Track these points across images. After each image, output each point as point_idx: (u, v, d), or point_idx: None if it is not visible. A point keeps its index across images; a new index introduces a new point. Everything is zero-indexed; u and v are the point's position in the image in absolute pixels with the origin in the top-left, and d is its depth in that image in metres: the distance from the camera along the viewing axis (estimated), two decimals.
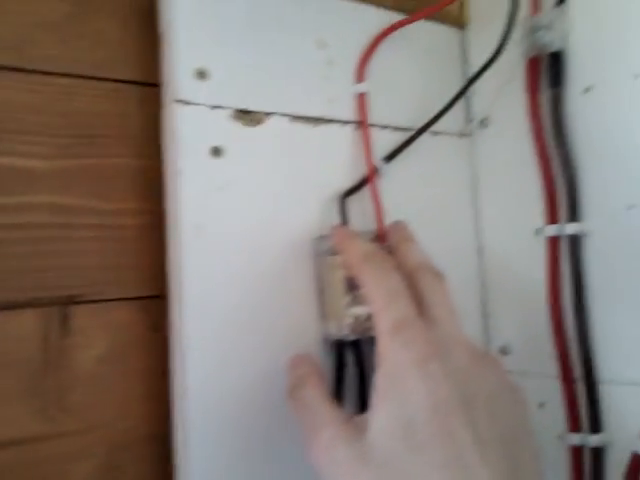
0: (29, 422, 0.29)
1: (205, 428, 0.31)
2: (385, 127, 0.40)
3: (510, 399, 0.27)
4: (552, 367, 0.40)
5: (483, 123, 0.45)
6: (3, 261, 0.29)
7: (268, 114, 0.35)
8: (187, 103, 0.32)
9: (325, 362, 0.35)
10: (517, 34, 0.41)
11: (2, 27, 0.30)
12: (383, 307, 0.27)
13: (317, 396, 0.28)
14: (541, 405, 0.41)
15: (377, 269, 0.29)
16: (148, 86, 0.33)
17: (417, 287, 0.29)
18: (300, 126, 0.36)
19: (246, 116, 0.34)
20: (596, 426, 0.38)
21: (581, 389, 0.39)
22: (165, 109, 0.32)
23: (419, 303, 0.28)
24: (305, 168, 0.36)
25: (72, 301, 0.30)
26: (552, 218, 0.41)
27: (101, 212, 0.31)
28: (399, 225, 0.36)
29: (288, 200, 0.35)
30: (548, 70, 0.41)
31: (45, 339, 0.29)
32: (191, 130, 0.32)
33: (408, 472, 0.23)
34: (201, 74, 0.32)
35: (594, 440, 0.38)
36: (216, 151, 0.33)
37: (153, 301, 0.32)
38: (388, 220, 0.37)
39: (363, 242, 0.32)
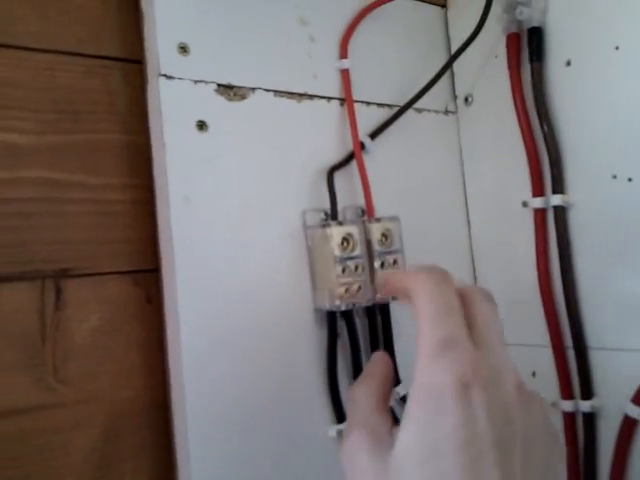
0: (28, 392, 0.29)
1: (201, 396, 0.31)
2: (370, 103, 0.40)
3: (548, 445, 0.25)
4: (543, 336, 0.41)
5: (467, 100, 0.46)
6: None
7: (252, 89, 0.35)
8: (170, 77, 0.32)
9: (318, 333, 0.35)
10: (497, 11, 0.42)
11: None
12: (432, 322, 0.25)
13: (366, 395, 0.26)
14: (533, 374, 0.42)
15: (434, 282, 0.26)
16: (132, 62, 0.34)
17: (468, 308, 0.27)
18: (285, 101, 0.36)
19: (230, 91, 0.34)
20: (588, 392, 0.39)
21: (572, 357, 0.40)
22: (149, 84, 0.33)
23: (469, 325, 0.26)
24: (291, 143, 0.36)
25: (65, 274, 0.30)
26: (538, 191, 0.41)
27: (91, 187, 0.32)
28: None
29: (275, 174, 0.35)
30: (528, 45, 0.42)
31: (40, 311, 0.30)
32: (175, 104, 0.32)
33: None
34: (183, 49, 0.33)
35: (586, 406, 0.39)
36: (201, 125, 0.33)
37: (147, 274, 0.33)
38: (375, 195, 0.38)
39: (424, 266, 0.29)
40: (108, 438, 0.31)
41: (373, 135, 0.39)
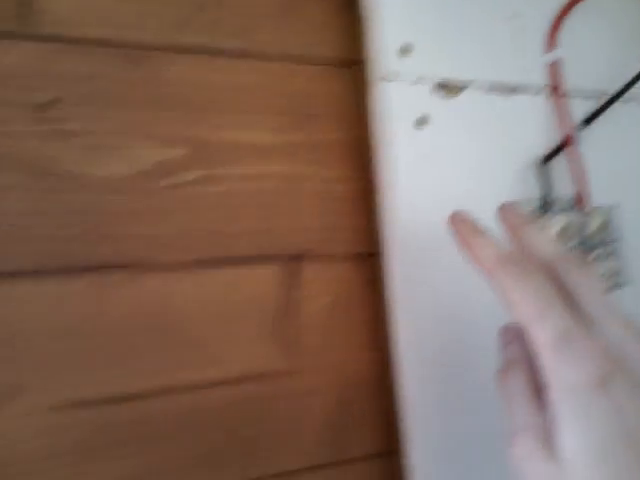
0: (272, 360, 0.33)
1: (420, 374, 0.33)
2: (577, 94, 0.40)
3: None
4: None
5: None
6: (238, 222, 0.33)
7: (465, 85, 0.36)
8: (392, 79, 0.35)
9: None
10: None
11: (232, 18, 0.34)
12: (537, 318, 0.23)
13: (519, 389, 0.25)
14: None
15: (518, 273, 0.25)
16: (352, 65, 0.36)
17: (562, 283, 0.25)
18: (495, 95, 0.37)
19: (446, 88, 0.36)
20: None
21: None
22: (371, 86, 0.35)
23: (572, 302, 0.24)
24: (502, 135, 0.37)
25: (301, 258, 0.34)
26: None
27: (322, 179, 0.35)
28: (507, 209, 0.30)
29: (487, 166, 0.36)
30: None
31: (281, 289, 0.34)
32: (395, 104, 0.35)
33: None
34: (404, 50, 0.35)
35: None
36: (420, 122, 0.35)
37: (369, 258, 0.35)
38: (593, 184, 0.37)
39: (491, 240, 0.27)
40: (339, 406, 0.34)
41: (585, 123, 0.39)
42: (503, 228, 0.30)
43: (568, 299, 0.24)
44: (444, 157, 0.35)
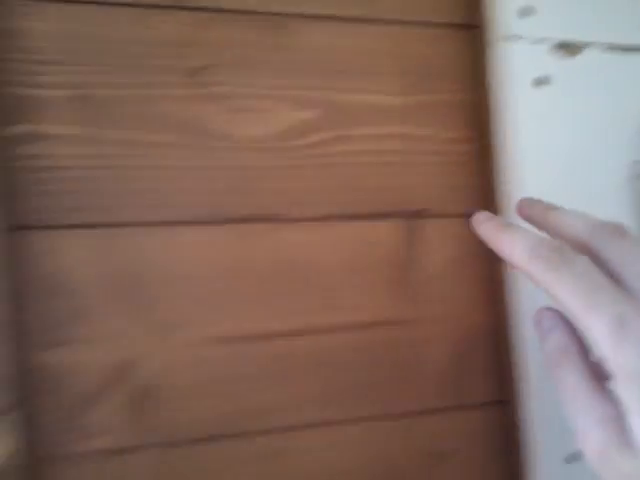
0: (393, 309, 0.36)
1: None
2: None
3: None
4: None
5: None
6: (364, 180, 0.36)
7: (584, 46, 0.37)
8: (511, 40, 0.36)
9: None
10: None
11: None
12: (587, 308, 0.22)
13: (584, 384, 0.24)
14: None
15: (555, 262, 0.23)
16: (470, 28, 0.38)
17: (602, 260, 0.23)
18: (614, 55, 0.38)
19: (565, 48, 0.37)
20: None
21: None
22: (490, 47, 0.36)
23: (616, 282, 0.23)
24: (619, 96, 0.38)
25: (420, 215, 0.36)
26: None
27: (439, 140, 0.37)
28: (527, 201, 0.30)
29: (603, 126, 0.37)
30: None
31: (401, 245, 0.36)
32: (514, 64, 0.36)
33: None
34: (524, 12, 0.36)
35: None
36: (538, 83, 0.36)
37: None
38: None
39: (520, 233, 0.25)
40: (456, 356, 0.37)
41: None
42: (528, 221, 0.29)
43: (613, 277, 0.23)
44: (562, 117, 0.36)
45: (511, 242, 0.25)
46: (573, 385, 0.24)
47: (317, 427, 0.34)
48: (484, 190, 0.37)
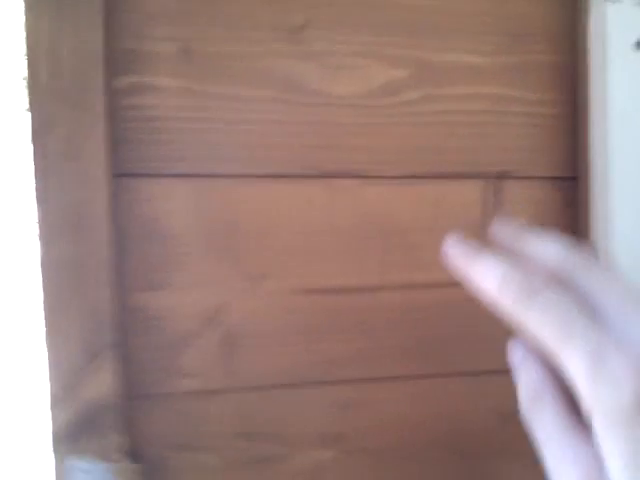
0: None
1: None
2: None
3: None
4: None
5: None
6: (450, 140, 0.36)
7: None
8: (613, 1, 0.34)
9: None
10: None
11: None
12: (560, 341, 0.20)
13: (561, 424, 0.22)
14: None
15: (527, 295, 0.22)
16: None
17: (576, 288, 0.22)
18: None
19: None
20: None
21: None
22: (590, 7, 0.35)
23: (591, 312, 0.21)
24: None
25: (504, 176, 0.36)
26: None
27: (527, 101, 0.36)
28: (501, 223, 0.28)
29: None
30: None
31: (482, 206, 0.36)
32: (615, 26, 0.35)
33: None
34: None
35: None
36: (639, 45, 0.35)
37: (567, 181, 0.37)
38: None
39: (489, 263, 0.24)
40: None
41: None
42: (500, 244, 0.27)
43: (588, 307, 0.21)
44: None
45: (480, 272, 0.24)
46: (548, 425, 0.22)
47: (391, 380, 0.36)
48: (570, 155, 0.37)
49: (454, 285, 0.36)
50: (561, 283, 0.22)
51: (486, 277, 0.23)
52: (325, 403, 0.35)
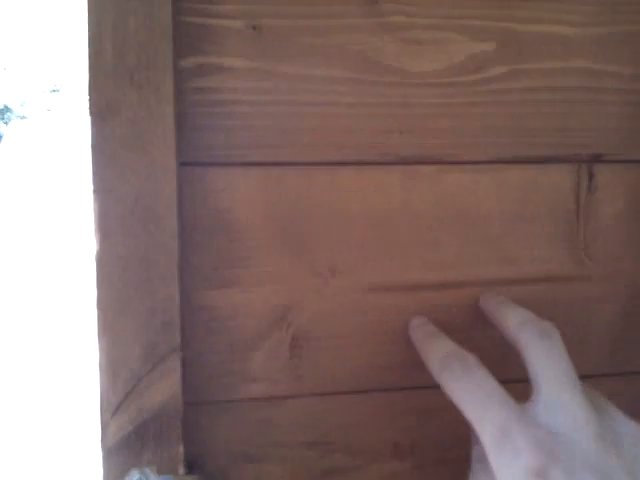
0: (562, 263, 0.33)
1: None
2: None
3: None
4: None
5: None
6: (537, 120, 0.32)
7: None
8: None
9: None
10: None
11: None
12: (477, 420, 0.24)
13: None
14: None
15: (457, 373, 0.25)
16: None
17: (522, 353, 0.26)
18: None
19: None
20: None
21: None
22: None
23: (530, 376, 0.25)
24: None
25: (598, 159, 0.33)
26: None
27: (623, 77, 0.33)
28: (488, 295, 0.32)
29: None
30: None
31: (575, 192, 0.33)
32: None
33: None
34: None
35: None
36: None
37: None
38: None
39: (438, 343, 0.28)
40: (625, 317, 0.34)
41: None
42: (484, 312, 0.31)
43: (530, 375, 0.25)
44: None
45: (428, 352, 0.28)
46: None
47: None
48: None
49: (541, 281, 0.33)
50: (517, 349, 0.27)
51: (432, 356, 0.28)
52: (400, 410, 0.32)
